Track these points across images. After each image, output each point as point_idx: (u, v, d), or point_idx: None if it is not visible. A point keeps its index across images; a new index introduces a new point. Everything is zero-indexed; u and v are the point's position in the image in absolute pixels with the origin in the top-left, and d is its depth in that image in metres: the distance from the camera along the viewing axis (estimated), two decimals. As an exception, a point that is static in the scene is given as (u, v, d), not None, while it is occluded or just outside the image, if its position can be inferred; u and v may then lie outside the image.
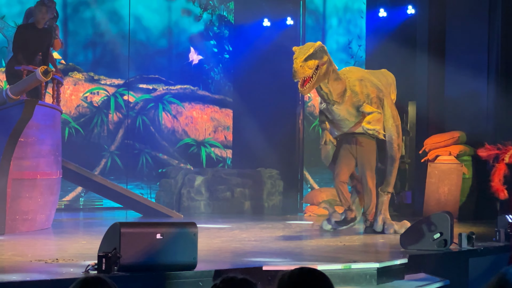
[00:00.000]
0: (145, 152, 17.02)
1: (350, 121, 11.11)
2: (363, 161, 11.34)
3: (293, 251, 8.98)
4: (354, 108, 11.00)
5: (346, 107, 10.97)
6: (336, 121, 11.19)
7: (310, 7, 17.26)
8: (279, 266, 7.56)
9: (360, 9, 17.00)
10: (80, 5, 16.47)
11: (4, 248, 8.86)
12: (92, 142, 16.58)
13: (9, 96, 10.48)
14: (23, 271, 7.02)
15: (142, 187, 16.78)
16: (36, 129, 10.98)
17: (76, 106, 16.53)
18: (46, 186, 11.33)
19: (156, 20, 17.25)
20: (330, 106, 10.95)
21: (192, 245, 6.93)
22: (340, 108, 10.95)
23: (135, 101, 17.02)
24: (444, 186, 14.21)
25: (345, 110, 10.99)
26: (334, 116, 11.08)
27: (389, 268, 8.09)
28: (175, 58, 17.54)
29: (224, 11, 17.89)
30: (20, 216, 10.80)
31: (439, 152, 14.33)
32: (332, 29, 17.27)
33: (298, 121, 16.91)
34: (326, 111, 11.14)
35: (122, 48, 16.75)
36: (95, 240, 8.46)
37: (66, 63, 16.42)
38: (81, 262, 7.34)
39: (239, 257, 8.49)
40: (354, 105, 10.99)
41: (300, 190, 16.89)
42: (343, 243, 9.83)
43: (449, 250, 9.10)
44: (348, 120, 11.10)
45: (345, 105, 10.94)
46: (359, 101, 10.98)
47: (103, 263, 6.54)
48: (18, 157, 10.62)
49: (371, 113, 10.95)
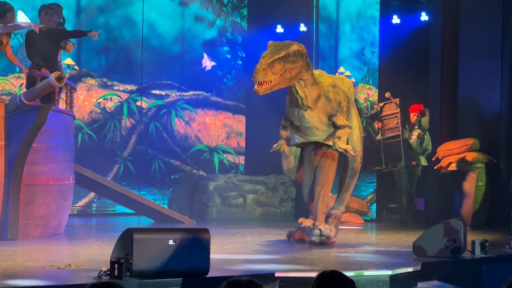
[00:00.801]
0: (158, 158, 17.03)
1: (319, 129, 10.26)
2: (322, 173, 10.46)
3: (306, 257, 8.97)
4: (326, 117, 10.19)
5: (319, 115, 10.13)
6: (303, 128, 10.28)
7: (323, 14, 17.25)
8: (292, 272, 7.55)
9: (373, 15, 16.98)
10: (93, 11, 16.51)
11: (17, 253, 8.89)
12: (105, 147, 16.61)
13: (22, 101, 10.52)
14: (36, 277, 7.04)
15: (154, 193, 16.79)
16: (49, 135, 11.01)
17: (89, 111, 16.57)
18: (59, 192, 11.36)
19: (170, 26, 17.27)
20: (301, 111, 10.04)
21: (204, 251, 6.93)
22: (312, 114, 10.08)
23: (148, 107, 17.04)
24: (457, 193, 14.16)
25: (317, 118, 10.14)
26: (303, 123, 10.18)
27: (402, 275, 8.06)
28: (188, 64, 17.55)
29: (237, 17, 17.91)
30: (33, 222, 10.82)
31: (453, 159, 14.28)
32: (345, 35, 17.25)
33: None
34: (294, 116, 10.19)
35: (135, 54, 16.78)
36: (108, 246, 8.47)
37: (79, 69, 16.46)
38: (93, 268, 7.34)
39: (252, 264, 8.48)
40: (327, 113, 10.17)
41: (313, 197, 16.84)
42: (355, 250, 9.81)
43: (462, 258, 9.06)
44: (317, 128, 10.25)
45: (317, 112, 10.10)
46: (333, 109, 10.19)
47: (116, 269, 6.54)
48: (31, 162, 10.65)
49: (343, 127, 10.23)
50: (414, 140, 14.45)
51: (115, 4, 16.75)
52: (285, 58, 9.36)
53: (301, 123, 10.17)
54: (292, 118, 10.22)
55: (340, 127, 10.21)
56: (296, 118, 10.15)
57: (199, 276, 6.90)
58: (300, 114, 10.07)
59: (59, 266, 7.60)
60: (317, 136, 10.33)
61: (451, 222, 9.38)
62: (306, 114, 10.05)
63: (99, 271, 6.75)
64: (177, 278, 6.79)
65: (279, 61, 9.31)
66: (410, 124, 14.52)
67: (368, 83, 16.93)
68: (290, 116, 10.24)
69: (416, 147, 14.45)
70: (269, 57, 9.27)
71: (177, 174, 16.97)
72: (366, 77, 16.95)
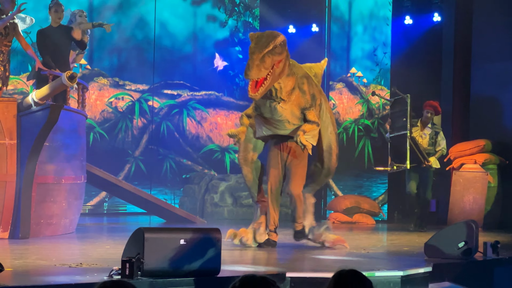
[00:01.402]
0: (169, 157, 17.04)
1: (290, 123, 9.52)
2: (294, 169, 9.73)
3: (316, 258, 8.96)
4: (299, 110, 9.46)
5: (292, 108, 9.41)
6: (273, 121, 9.54)
7: (335, 14, 17.22)
8: (303, 273, 7.54)
9: (385, 16, 16.95)
10: (106, 11, 16.54)
11: (29, 252, 8.91)
12: (116, 147, 16.64)
13: (35, 100, 10.55)
14: (48, 275, 7.05)
15: (165, 193, 16.80)
16: (61, 134, 11.03)
17: (101, 111, 16.60)
18: (71, 191, 11.38)
19: (182, 26, 17.28)
20: (273, 103, 9.35)
21: (215, 251, 6.93)
22: (285, 107, 9.37)
23: (159, 107, 17.05)
24: (469, 195, 14.12)
25: (290, 111, 9.41)
26: (274, 115, 9.45)
27: (413, 276, 8.04)
28: (200, 64, 17.56)
29: (250, 17, 17.90)
30: (44, 220, 10.85)
31: (464, 160, 14.25)
32: (358, 36, 17.21)
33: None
34: (265, 108, 9.47)
35: (147, 54, 16.81)
36: (119, 245, 8.48)
37: (91, 68, 16.50)
38: (105, 267, 7.35)
39: (262, 263, 8.48)
40: (300, 106, 9.45)
41: (324, 197, 16.84)
42: (366, 251, 9.79)
43: (473, 259, 9.03)
44: (289, 122, 9.51)
45: (291, 105, 9.39)
46: (307, 102, 9.48)
47: (127, 268, 6.54)
48: (43, 161, 10.68)
49: (312, 122, 9.49)
50: (426, 140, 13.17)
51: (127, 3, 16.78)
52: (273, 50, 8.82)
53: (272, 115, 9.46)
54: (263, 110, 9.48)
55: (309, 121, 9.48)
56: (267, 110, 9.44)
57: (210, 276, 6.90)
58: (272, 107, 9.38)
59: (71, 265, 7.61)
60: (287, 129, 9.60)
61: (462, 223, 9.35)
62: (279, 107, 9.36)
63: (110, 270, 6.75)
64: (188, 278, 6.79)
65: (268, 55, 8.78)
66: (423, 123, 13.25)
67: (380, 83, 16.89)
68: (261, 107, 9.49)
69: (426, 147, 13.10)
70: (259, 51, 8.72)
71: (188, 174, 16.97)
72: (378, 77, 16.91)
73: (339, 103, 17.06)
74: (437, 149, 13.19)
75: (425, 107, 13.26)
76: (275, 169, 9.82)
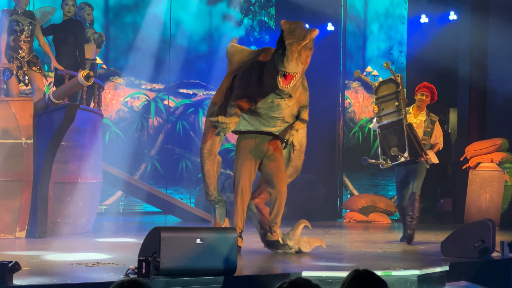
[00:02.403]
0: (185, 157, 17.07)
1: (284, 121, 8.77)
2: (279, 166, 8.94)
3: (333, 257, 8.94)
4: (297, 108, 8.73)
5: (292, 106, 8.63)
6: (266, 117, 8.69)
7: (351, 13, 17.21)
8: (319, 272, 7.53)
9: (401, 15, 16.92)
10: (121, 10, 16.58)
11: (45, 251, 8.94)
12: (132, 146, 16.67)
13: (51, 100, 10.58)
14: (64, 274, 7.07)
15: (181, 192, 16.83)
16: (77, 133, 11.06)
17: (117, 110, 16.64)
18: (87, 190, 11.41)
19: (197, 25, 17.31)
20: (277, 99, 8.45)
21: (231, 250, 6.93)
22: (289, 104, 8.56)
23: (175, 106, 17.09)
24: (485, 194, 14.07)
25: (290, 109, 8.64)
26: (271, 112, 8.62)
27: (430, 275, 8.02)
28: (215, 63, 17.57)
29: (265, 16, 17.91)
30: (61, 220, 10.89)
31: (481, 159, 14.20)
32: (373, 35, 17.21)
33: (338, 126, 16.85)
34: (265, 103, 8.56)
35: (163, 53, 16.84)
36: (135, 244, 8.50)
37: (107, 68, 16.54)
38: (121, 266, 7.37)
39: (278, 263, 8.47)
40: (300, 104, 8.72)
41: (340, 196, 16.82)
42: (383, 250, 9.77)
43: (490, 258, 9.00)
44: (283, 120, 8.75)
45: (293, 102, 8.60)
46: (307, 100, 8.78)
47: (143, 267, 6.56)
48: (60, 161, 10.71)
49: (304, 121, 8.81)
50: (421, 129, 10.64)
51: (142, 3, 16.81)
52: (307, 44, 8.12)
53: (269, 111, 8.61)
54: (260, 105, 8.56)
55: (301, 120, 8.79)
56: (266, 105, 8.55)
57: (226, 275, 6.90)
58: (274, 102, 8.50)
59: (87, 264, 7.64)
60: (277, 128, 8.84)
61: (479, 222, 9.32)
62: (284, 103, 8.52)
63: (127, 269, 6.76)
64: (204, 277, 6.80)
65: (304, 48, 8.05)
66: (417, 107, 10.74)
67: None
68: (258, 101, 8.54)
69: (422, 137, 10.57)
70: (298, 42, 7.96)
71: (204, 173, 16.97)
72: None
73: (354, 102, 17.05)
74: (433, 142, 10.69)
75: (418, 89, 10.81)
76: (248, 167, 8.99)
